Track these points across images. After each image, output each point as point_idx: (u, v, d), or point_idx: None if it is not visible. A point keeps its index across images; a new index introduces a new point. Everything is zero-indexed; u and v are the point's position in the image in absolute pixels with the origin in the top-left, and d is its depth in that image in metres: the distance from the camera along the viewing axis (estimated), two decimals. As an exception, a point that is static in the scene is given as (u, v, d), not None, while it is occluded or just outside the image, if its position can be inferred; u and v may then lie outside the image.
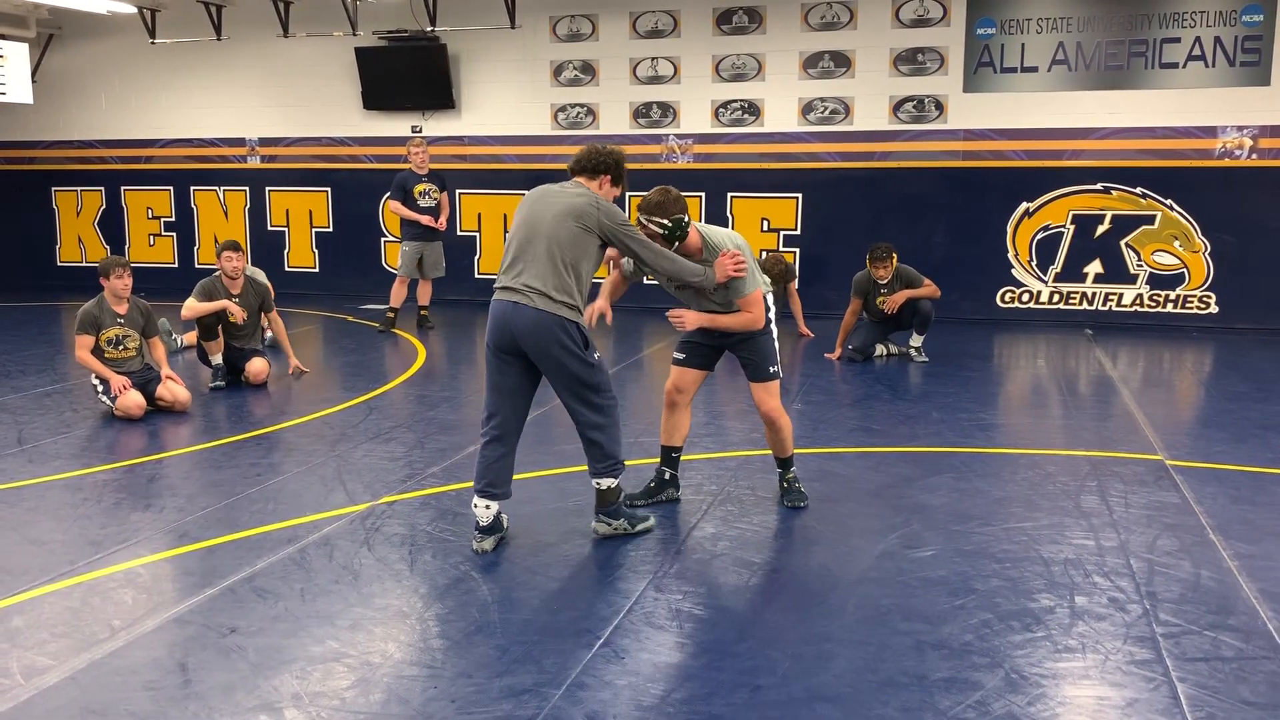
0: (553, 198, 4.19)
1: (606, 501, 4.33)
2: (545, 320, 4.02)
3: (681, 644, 3.40)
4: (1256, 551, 4.19)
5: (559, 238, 4.07)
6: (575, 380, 4.14)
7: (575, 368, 4.11)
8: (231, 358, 7.40)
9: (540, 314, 4.02)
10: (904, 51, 10.46)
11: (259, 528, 4.46)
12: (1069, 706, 3.03)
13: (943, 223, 10.55)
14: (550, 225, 4.09)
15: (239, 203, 12.78)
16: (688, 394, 4.85)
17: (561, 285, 4.05)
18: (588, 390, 4.17)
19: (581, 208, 4.11)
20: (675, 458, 4.89)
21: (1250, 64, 9.65)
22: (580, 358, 4.10)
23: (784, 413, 4.78)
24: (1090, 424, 6.51)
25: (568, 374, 4.12)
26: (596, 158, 4.28)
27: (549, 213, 4.12)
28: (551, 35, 11.40)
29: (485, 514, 4.20)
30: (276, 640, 3.40)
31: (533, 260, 4.07)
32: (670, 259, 4.33)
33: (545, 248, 4.07)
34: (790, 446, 4.84)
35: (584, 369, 4.13)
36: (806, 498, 4.81)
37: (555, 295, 4.03)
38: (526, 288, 4.04)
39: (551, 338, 4.04)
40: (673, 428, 4.86)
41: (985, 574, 3.98)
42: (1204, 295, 10.08)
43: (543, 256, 4.06)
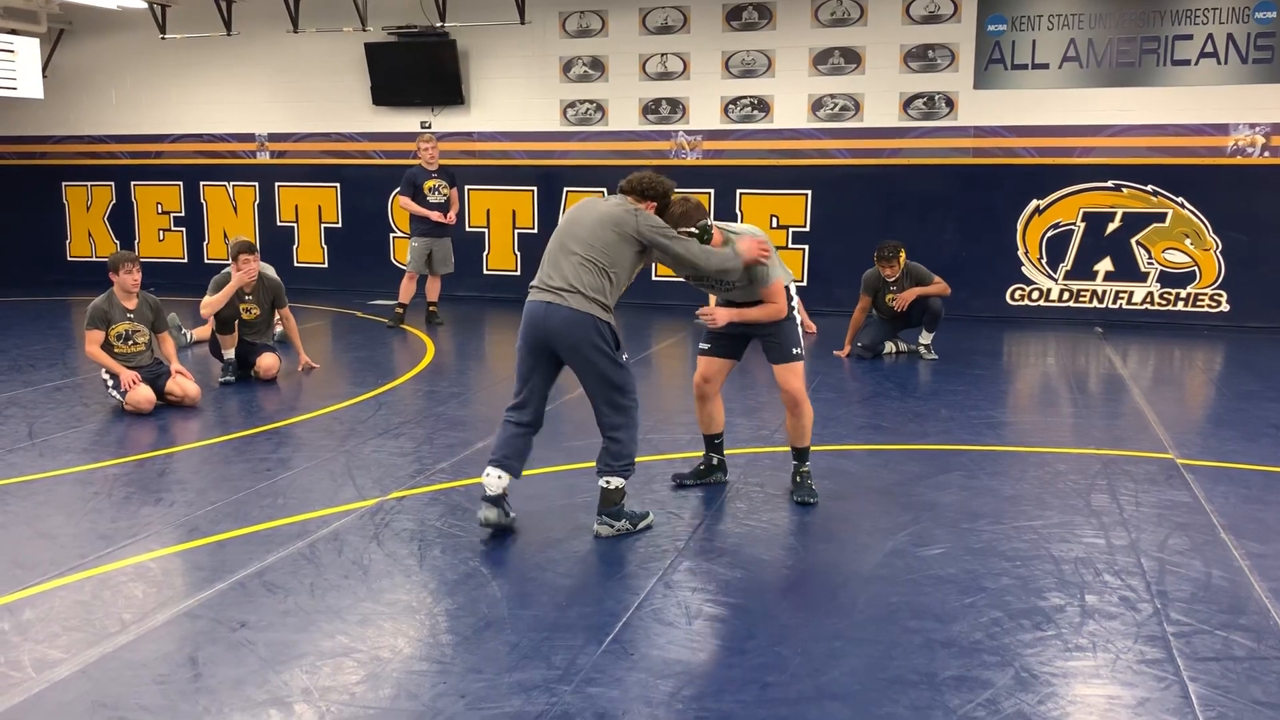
0: (593, 206, 4.37)
1: (610, 501, 4.34)
2: (579, 319, 4.15)
3: (691, 641, 3.40)
4: (1268, 551, 4.17)
5: (595, 242, 4.22)
6: (603, 379, 4.26)
7: (604, 367, 4.23)
8: (243, 352, 7.42)
9: (574, 313, 4.15)
10: (914, 48, 10.43)
11: (269, 522, 4.47)
12: (1079, 705, 3.02)
13: (952, 220, 10.53)
14: (588, 230, 4.25)
15: (248, 198, 12.80)
16: (715, 383, 4.94)
17: (597, 286, 4.18)
18: (613, 391, 4.29)
19: (620, 216, 4.27)
20: (719, 444, 5.05)
21: (1263, 61, 9.60)
22: (610, 357, 4.23)
23: (808, 398, 4.81)
24: (1100, 422, 6.49)
25: (596, 372, 4.24)
26: (647, 184, 4.43)
27: (588, 218, 4.29)
28: (561, 31, 11.39)
29: (496, 484, 4.27)
30: (286, 635, 3.40)
31: (568, 262, 4.21)
32: (710, 254, 4.44)
33: (583, 251, 4.21)
34: (809, 436, 4.85)
35: (613, 369, 4.25)
36: (817, 495, 4.80)
37: (590, 294, 4.16)
38: (561, 288, 4.17)
39: (584, 336, 4.17)
40: (708, 418, 4.99)
41: (995, 572, 3.97)
42: (1215, 293, 10.04)
43: (579, 259, 4.20)
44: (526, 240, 11.85)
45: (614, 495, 4.34)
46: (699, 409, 5.00)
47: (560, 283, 4.19)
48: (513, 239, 11.91)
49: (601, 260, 4.21)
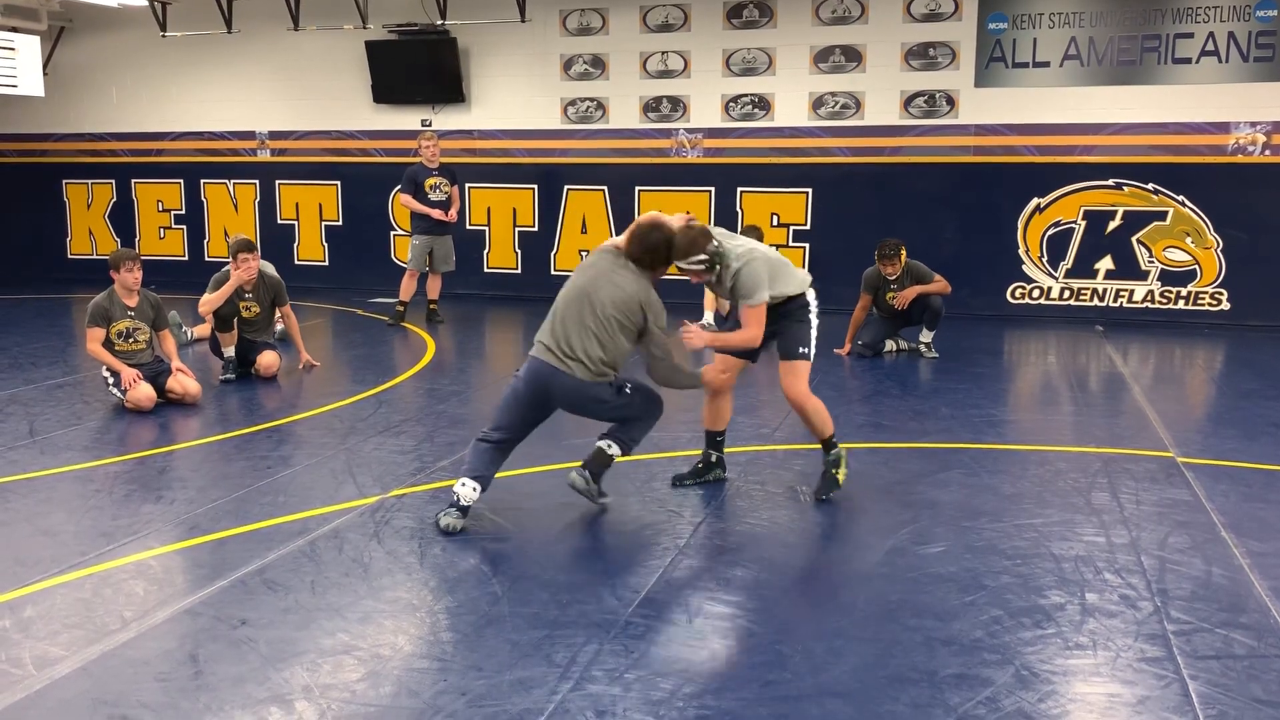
0: (607, 280, 4.50)
1: (598, 462, 4.56)
2: (581, 388, 4.45)
3: (692, 638, 3.40)
4: (1268, 549, 4.17)
5: (607, 324, 4.44)
6: (615, 416, 4.61)
7: (610, 411, 4.57)
8: (243, 350, 7.42)
9: (579, 383, 4.43)
10: (915, 46, 10.42)
11: (269, 520, 4.47)
12: (1079, 703, 3.02)
13: (953, 218, 10.52)
14: (600, 309, 4.44)
15: (249, 196, 12.80)
16: (731, 376, 4.97)
17: (603, 358, 4.44)
18: (627, 415, 4.61)
19: (631, 308, 4.46)
20: (720, 440, 5.07)
21: (1264, 59, 9.59)
22: (611, 404, 4.54)
23: (810, 395, 4.81)
24: (1101, 420, 6.49)
25: (606, 414, 4.60)
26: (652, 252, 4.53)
27: (600, 294, 4.47)
28: (562, 29, 11.39)
29: (471, 495, 4.40)
30: (287, 632, 3.41)
31: (579, 333, 4.44)
32: (675, 373, 4.69)
33: (594, 326, 4.44)
34: (826, 427, 4.82)
35: (619, 409, 4.56)
36: (836, 486, 4.77)
37: (595, 367, 4.43)
38: (569, 356, 4.42)
39: (584, 401, 4.51)
40: (715, 412, 5.02)
41: (995, 570, 3.97)
42: (1216, 292, 10.03)
43: (590, 332, 4.44)
44: (527, 239, 11.85)
45: (603, 458, 4.56)
46: (709, 402, 4.99)
47: (568, 350, 4.42)
48: (513, 237, 11.90)
49: (604, 336, 4.44)
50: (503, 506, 4.68)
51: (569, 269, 11.51)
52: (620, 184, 11.44)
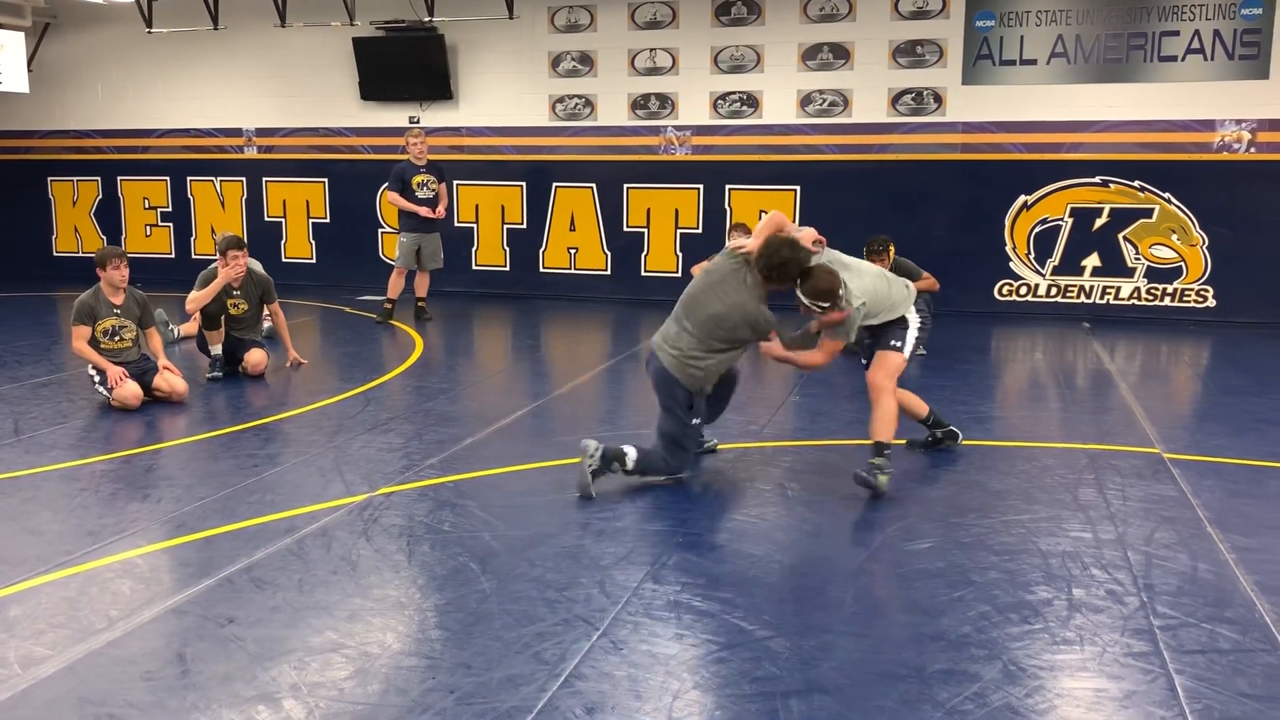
0: (716, 292, 4.80)
1: (613, 457, 4.77)
2: (665, 376, 4.80)
3: (680, 635, 3.40)
4: (1253, 544, 4.19)
5: (698, 327, 4.78)
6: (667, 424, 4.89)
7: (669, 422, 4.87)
8: (230, 348, 7.39)
9: (667, 372, 4.79)
10: (903, 44, 10.44)
11: (257, 518, 4.46)
12: (1067, 698, 3.04)
13: (941, 215, 10.54)
14: (698, 316, 4.78)
15: (236, 193, 12.75)
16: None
17: (689, 349, 4.76)
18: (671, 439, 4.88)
19: (732, 323, 4.75)
20: (931, 422, 5.54)
21: (1249, 57, 9.64)
22: (678, 415, 4.84)
23: (887, 392, 4.91)
24: (1088, 417, 6.52)
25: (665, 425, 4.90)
26: (780, 271, 4.69)
27: (706, 306, 4.79)
28: (550, 26, 11.37)
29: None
30: (274, 631, 3.40)
31: (676, 330, 4.85)
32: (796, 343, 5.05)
33: (690, 329, 4.79)
34: (881, 431, 4.85)
35: (676, 424, 4.86)
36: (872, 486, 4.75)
37: (679, 355, 4.77)
38: (663, 345, 4.84)
39: (669, 389, 4.82)
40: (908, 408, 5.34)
41: (983, 566, 3.99)
42: (1202, 289, 10.08)
43: (685, 332, 4.81)
44: (515, 236, 11.84)
45: (619, 455, 4.77)
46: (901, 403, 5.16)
47: (670, 340, 4.83)
48: (502, 234, 11.88)
49: (697, 342, 4.77)
50: (494, 503, 4.67)
51: (558, 266, 11.76)
52: (609, 181, 11.43)
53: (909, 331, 5.01)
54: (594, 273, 11.64)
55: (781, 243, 4.69)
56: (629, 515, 4.55)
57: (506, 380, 7.98)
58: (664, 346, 4.84)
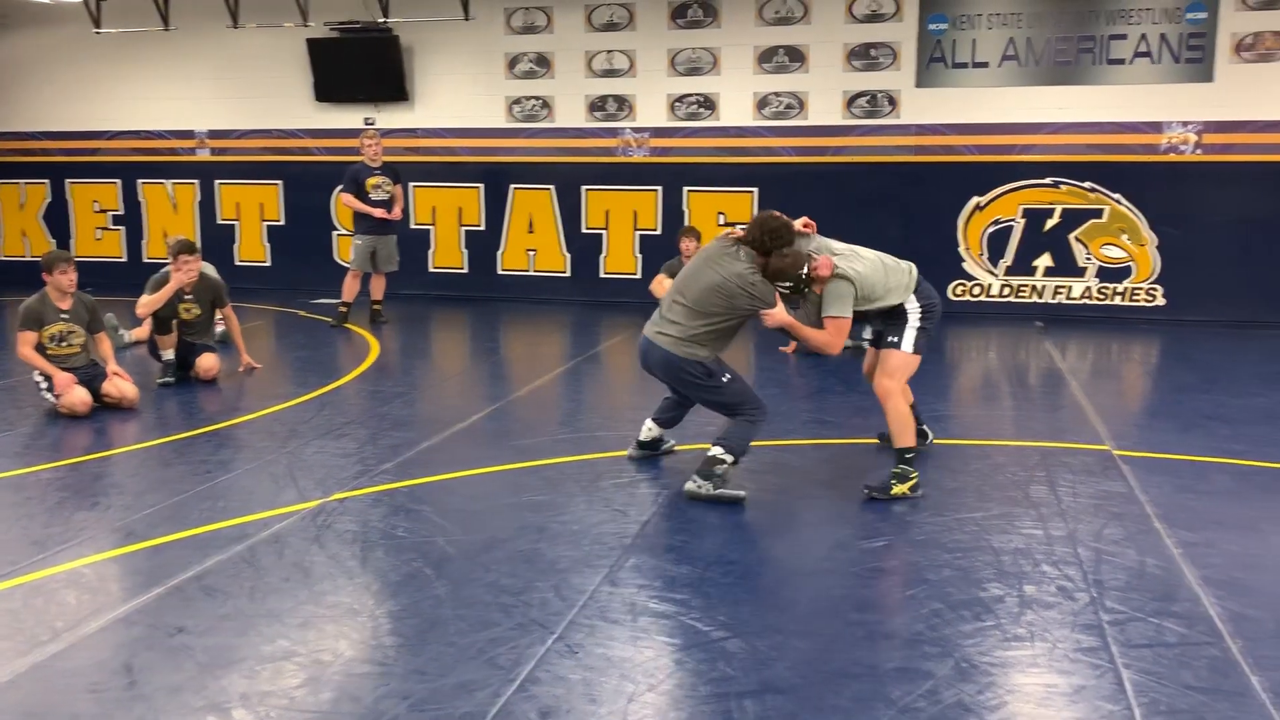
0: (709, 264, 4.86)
1: (707, 464, 4.76)
2: (667, 358, 4.84)
3: (636, 638, 3.40)
4: (1199, 539, 4.27)
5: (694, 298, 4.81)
6: (709, 403, 5.01)
7: (704, 394, 4.94)
8: (182, 353, 7.29)
9: (664, 353, 4.84)
10: (857, 47, 10.52)
11: (208, 526, 4.40)
12: (1017, 694, 3.07)
13: (896, 217, 10.61)
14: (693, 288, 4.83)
15: (188, 196, 12.57)
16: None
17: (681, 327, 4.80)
18: (723, 409, 4.95)
19: (728, 290, 4.77)
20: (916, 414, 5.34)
21: (1195, 61, 9.82)
22: (703, 384, 4.87)
23: (893, 393, 4.86)
24: (1040, 415, 6.61)
25: (699, 397, 5.01)
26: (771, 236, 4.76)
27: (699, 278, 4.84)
28: (506, 27, 11.33)
29: (645, 432, 5.28)
30: (225, 639, 3.35)
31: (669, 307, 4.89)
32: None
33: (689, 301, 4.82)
34: (898, 437, 4.84)
35: (712, 393, 4.90)
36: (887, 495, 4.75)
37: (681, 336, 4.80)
38: (661, 330, 4.87)
39: (673, 373, 4.89)
40: None
41: (936, 564, 4.03)
42: (1151, 288, 10.25)
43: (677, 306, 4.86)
44: (473, 238, 11.78)
45: (712, 462, 4.75)
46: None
47: (661, 324, 4.87)
48: (459, 237, 11.82)
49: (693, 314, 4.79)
50: (449, 508, 4.65)
51: (516, 268, 11.73)
52: (567, 183, 11.42)
53: (907, 328, 4.92)
54: (553, 275, 11.61)
55: (772, 213, 4.82)
56: (586, 518, 4.54)
57: (464, 383, 7.94)
58: (657, 333, 4.86)
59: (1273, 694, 3.02)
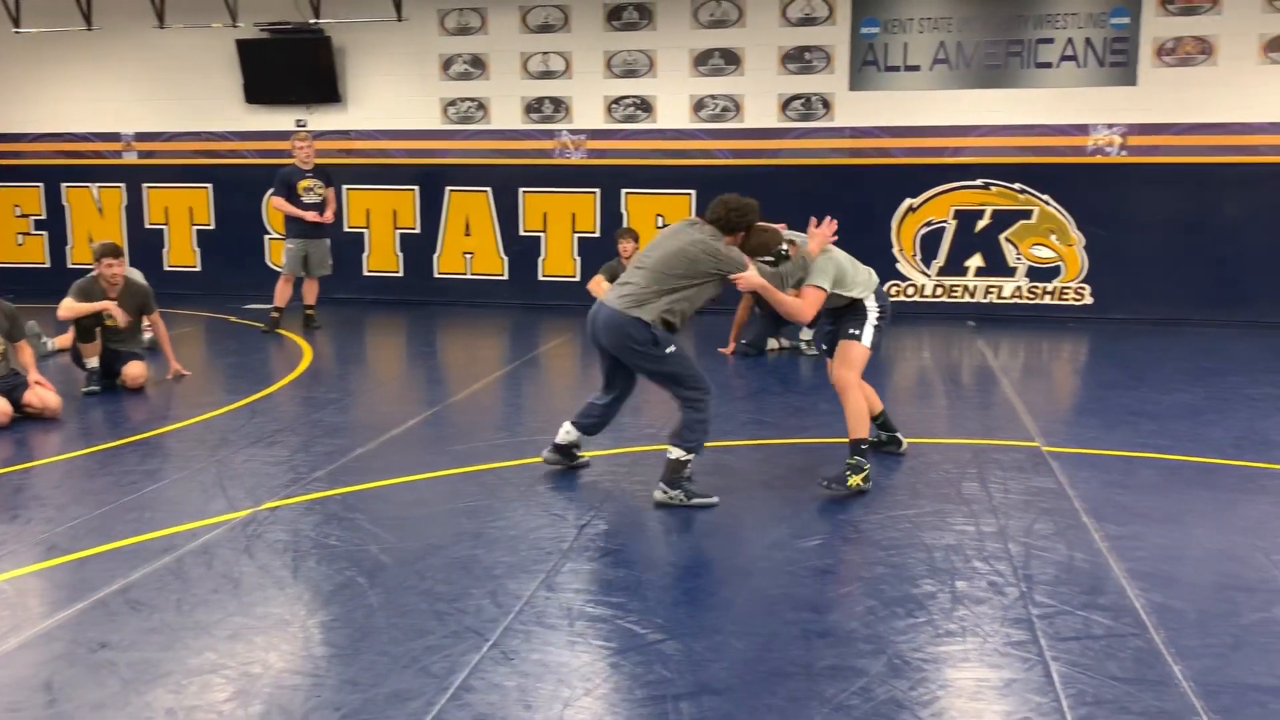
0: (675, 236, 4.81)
1: (671, 470, 4.67)
2: (616, 320, 4.63)
3: (572, 642, 3.38)
4: (1125, 533, 4.36)
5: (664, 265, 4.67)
6: (654, 375, 4.78)
7: (649, 364, 4.71)
8: (108, 360, 7.11)
9: (613, 313, 4.64)
10: (791, 50, 10.61)
11: (134, 537, 4.29)
12: (949, 689, 3.11)
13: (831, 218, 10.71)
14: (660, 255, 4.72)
15: (115, 200, 12.28)
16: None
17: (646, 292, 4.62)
18: (670, 382, 4.76)
19: (691, 255, 4.68)
20: (882, 422, 5.52)
21: (1119, 64, 10.06)
22: (648, 354, 4.65)
23: (853, 387, 4.93)
24: (972, 413, 6.71)
25: (645, 370, 4.78)
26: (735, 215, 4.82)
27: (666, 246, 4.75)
28: (440, 28, 11.24)
29: (563, 435, 5.08)
30: (150, 654, 3.27)
31: (631, 274, 4.75)
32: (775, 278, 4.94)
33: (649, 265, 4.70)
34: (853, 429, 4.91)
35: (657, 363, 4.68)
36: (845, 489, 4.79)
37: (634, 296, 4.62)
38: (613, 296, 4.70)
39: (620, 339, 4.66)
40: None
41: (871, 561, 4.07)
42: (1079, 287, 10.48)
43: (642, 271, 4.71)
44: (408, 241, 11.66)
45: (674, 465, 4.65)
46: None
47: (617, 289, 4.73)
48: (394, 239, 11.70)
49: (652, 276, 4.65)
50: (383, 516, 4.59)
51: (453, 271, 11.64)
52: (504, 185, 11.36)
53: (867, 322, 5.01)
54: (490, 278, 11.54)
55: (733, 195, 4.89)
56: (523, 524, 4.51)
57: (399, 389, 7.85)
58: (608, 301, 4.70)
59: (1194, 682, 3.09)
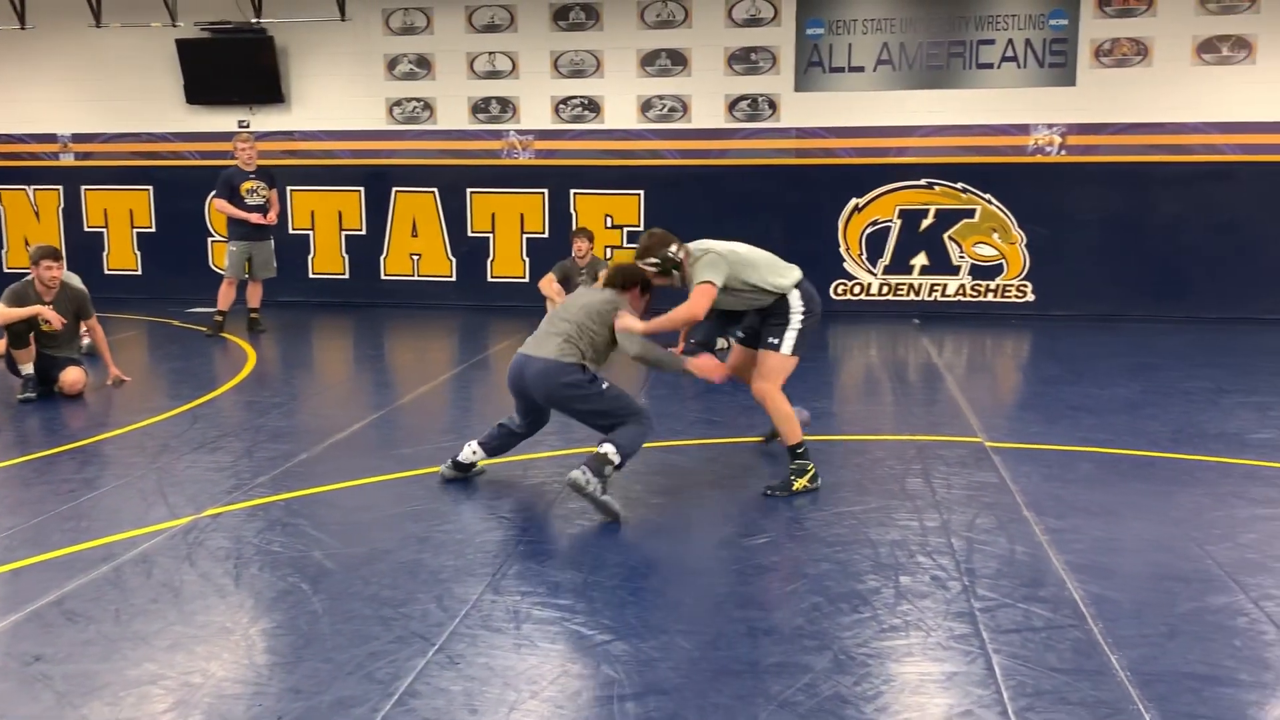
0: (583, 295, 5.01)
1: (596, 460, 4.52)
2: (547, 368, 4.66)
3: (519, 645, 3.37)
4: (1065, 525, 4.44)
5: (574, 318, 4.79)
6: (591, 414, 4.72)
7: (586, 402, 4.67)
8: (44, 367, 6.95)
9: (544, 363, 4.66)
10: (737, 51, 10.66)
11: (70, 547, 4.20)
12: (892, 684, 3.14)
13: (779, 218, 10.79)
14: (569, 311, 4.85)
15: (51, 202, 12.02)
16: (745, 374, 5.20)
17: (572, 342, 4.70)
18: (606, 418, 4.69)
19: (602, 310, 4.81)
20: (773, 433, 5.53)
21: (1058, 65, 10.24)
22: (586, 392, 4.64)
23: (772, 394, 4.93)
24: (917, 410, 6.79)
25: (580, 411, 4.74)
26: (626, 276, 4.94)
27: (573, 303, 4.94)
28: (385, 28, 11.14)
29: (468, 454, 5.01)
30: (87, 666, 3.21)
31: (548, 327, 4.82)
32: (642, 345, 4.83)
33: (568, 317, 4.81)
34: (786, 434, 4.95)
35: (596, 400, 4.66)
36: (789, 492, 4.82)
37: (562, 344, 4.68)
38: (536, 347, 4.75)
39: (553, 385, 4.65)
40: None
41: (816, 558, 4.10)
42: (1021, 284, 10.65)
43: (558, 323, 4.80)
44: (354, 242, 11.54)
45: (602, 461, 4.51)
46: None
47: (539, 339, 4.77)
48: (339, 241, 11.57)
49: (576, 327, 4.74)
50: (328, 521, 4.54)
51: (400, 273, 11.56)
52: (451, 186, 11.29)
53: (788, 330, 4.92)
54: (438, 279, 11.47)
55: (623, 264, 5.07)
56: (469, 527, 4.49)
57: (346, 392, 7.77)
58: (533, 350, 4.75)
59: (1130, 671, 3.16)
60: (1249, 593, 3.74)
